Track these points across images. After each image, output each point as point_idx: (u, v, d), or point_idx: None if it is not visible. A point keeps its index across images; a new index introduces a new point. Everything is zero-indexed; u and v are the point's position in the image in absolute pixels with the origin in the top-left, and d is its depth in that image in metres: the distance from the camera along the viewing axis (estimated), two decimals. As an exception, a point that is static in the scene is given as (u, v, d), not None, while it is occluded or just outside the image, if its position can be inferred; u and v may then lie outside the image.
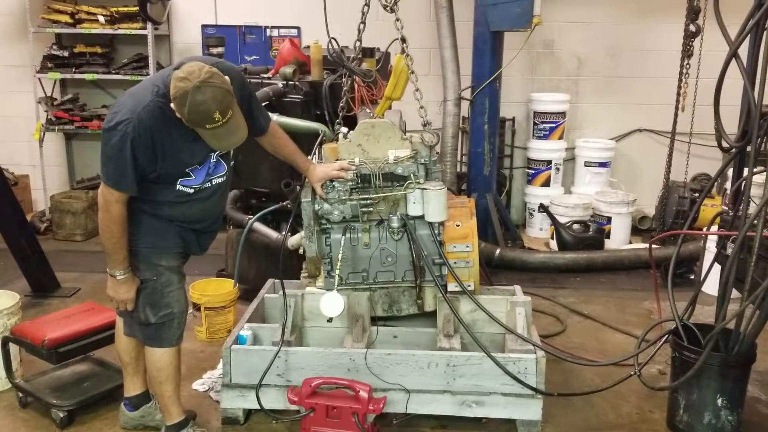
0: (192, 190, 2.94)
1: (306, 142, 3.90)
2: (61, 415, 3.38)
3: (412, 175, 3.34)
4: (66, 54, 6.64)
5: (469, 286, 3.45)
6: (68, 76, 6.65)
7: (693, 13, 5.70)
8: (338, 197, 3.38)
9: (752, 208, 3.10)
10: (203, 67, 2.63)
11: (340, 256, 3.40)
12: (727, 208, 3.41)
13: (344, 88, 3.88)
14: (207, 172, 2.94)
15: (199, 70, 2.61)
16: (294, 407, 3.24)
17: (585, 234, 6.01)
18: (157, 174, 2.81)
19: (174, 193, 2.90)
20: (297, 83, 4.59)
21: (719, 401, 3.20)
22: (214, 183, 3.00)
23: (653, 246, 3.82)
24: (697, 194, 5.84)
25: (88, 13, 6.53)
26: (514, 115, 6.89)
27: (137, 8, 6.25)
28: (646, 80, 6.74)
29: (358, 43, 3.70)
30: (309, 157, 3.46)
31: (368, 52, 4.65)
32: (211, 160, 2.94)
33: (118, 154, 2.70)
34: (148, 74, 6.39)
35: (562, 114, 6.67)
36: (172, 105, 2.65)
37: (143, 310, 3.00)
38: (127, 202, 2.83)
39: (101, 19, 6.48)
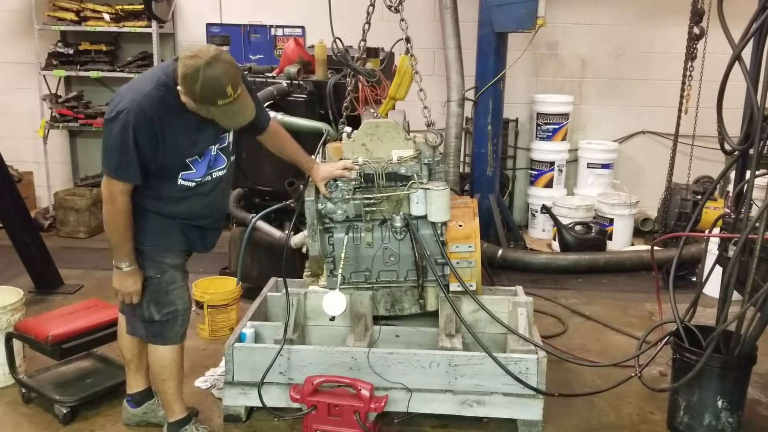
0: (193, 184, 2.94)
1: (310, 141, 3.92)
2: (64, 410, 3.40)
3: (415, 175, 3.35)
4: (71, 51, 6.66)
5: (471, 286, 3.46)
6: (73, 73, 6.67)
7: (697, 16, 5.71)
8: (341, 196, 3.38)
9: (754, 211, 3.11)
10: (210, 46, 2.72)
11: (342, 255, 3.41)
12: (729, 211, 3.42)
13: (348, 88, 3.89)
14: (208, 164, 2.95)
15: (207, 48, 2.68)
16: (296, 405, 3.26)
17: (587, 235, 6.02)
18: (159, 165, 2.81)
19: (176, 187, 2.91)
20: (301, 82, 4.60)
21: (720, 403, 3.20)
22: (214, 176, 3.01)
23: (655, 248, 3.83)
24: (699, 197, 5.85)
25: (94, 10, 6.55)
26: (517, 116, 6.90)
27: (142, 6, 6.27)
28: (650, 82, 6.75)
29: (362, 43, 3.71)
30: (313, 157, 3.47)
31: (372, 52, 4.67)
32: (212, 153, 2.95)
33: (120, 144, 2.71)
34: (152, 72, 6.41)
35: (566, 115, 6.68)
36: (179, 88, 2.68)
37: (147, 307, 3.01)
38: (131, 199, 2.84)
39: (106, 16, 6.50)
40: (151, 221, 2.94)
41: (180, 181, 2.91)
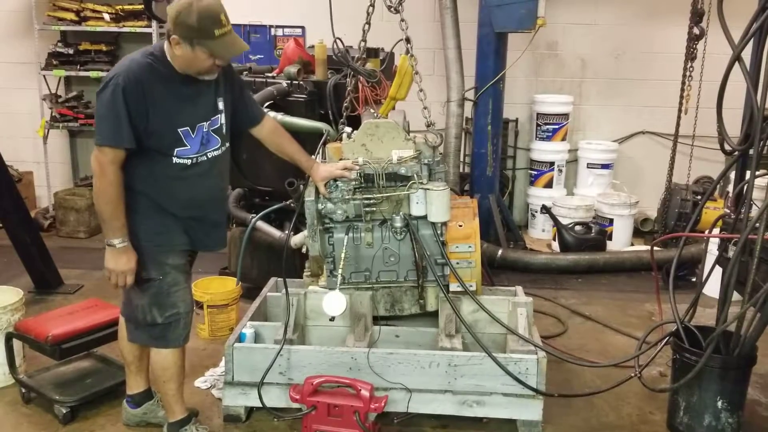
0: (189, 162, 2.92)
1: (310, 141, 3.92)
2: (64, 411, 3.40)
3: (415, 176, 3.35)
4: (71, 51, 6.66)
5: (471, 286, 3.46)
6: (73, 73, 6.67)
7: (697, 16, 5.72)
8: (341, 196, 3.38)
9: (754, 212, 3.11)
10: None
11: (342, 255, 3.41)
12: (729, 211, 3.42)
13: (348, 88, 3.89)
14: (201, 142, 2.94)
15: None
16: (296, 405, 3.26)
17: (587, 235, 6.03)
18: (150, 133, 2.80)
19: (172, 166, 2.89)
20: (301, 83, 4.60)
21: (719, 403, 3.21)
22: (210, 156, 2.99)
23: (655, 248, 3.83)
24: (699, 197, 5.85)
25: (94, 10, 6.55)
26: (517, 116, 6.90)
27: (142, 6, 6.27)
28: (650, 83, 6.75)
29: (362, 43, 3.71)
30: (313, 157, 3.47)
31: (373, 52, 4.67)
32: (203, 130, 2.94)
33: (111, 108, 2.74)
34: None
35: (565, 116, 6.68)
36: (174, 37, 2.72)
37: (149, 310, 2.99)
38: (129, 190, 2.85)
39: (106, 16, 6.50)
40: (153, 219, 2.93)
41: (175, 159, 2.89)
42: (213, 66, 2.84)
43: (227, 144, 3.10)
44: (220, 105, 3.01)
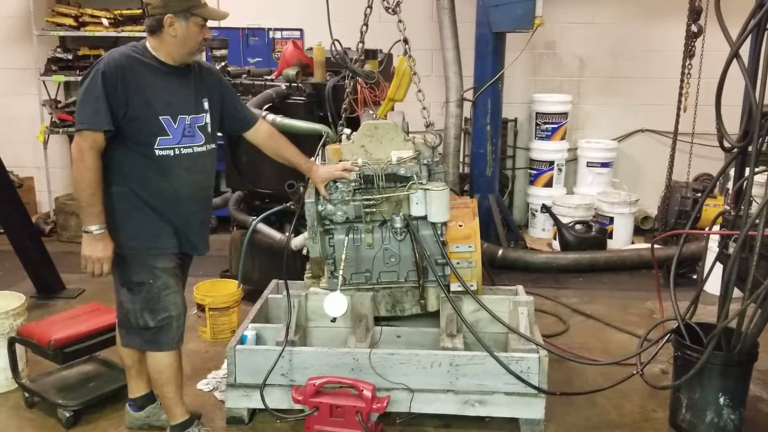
0: (171, 152, 2.91)
1: (309, 143, 3.93)
2: (67, 414, 3.40)
3: (414, 176, 3.36)
4: (70, 57, 6.68)
5: (472, 286, 3.47)
6: (72, 78, 6.66)
7: (695, 14, 5.72)
8: (341, 198, 3.39)
9: (754, 208, 3.11)
10: None
11: (343, 256, 3.41)
12: (728, 208, 3.42)
13: (347, 90, 3.90)
14: (183, 133, 2.94)
15: None
16: (298, 406, 3.26)
17: (587, 234, 6.03)
18: (130, 120, 2.82)
19: (155, 159, 2.89)
20: (300, 85, 4.61)
21: (721, 400, 3.21)
22: (195, 151, 2.98)
23: (655, 246, 3.83)
24: (699, 194, 5.85)
25: (92, 16, 6.56)
26: (516, 116, 6.91)
27: (141, 11, 6.28)
28: (648, 81, 6.76)
29: (360, 45, 3.72)
30: (312, 159, 3.48)
31: (371, 54, 4.67)
32: (186, 122, 2.94)
33: (90, 92, 2.78)
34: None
35: (564, 115, 6.68)
36: (168, 18, 2.81)
37: (141, 314, 2.99)
38: (116, 188, 2.88)
39: (105, 22, 6.52)
40: (142, 220, 2.93)
41: (158, 152, 2.89)
42: (203, 41, 2.94)
43: (213, 144, 3.10)
44: (206, 105, 3.03)
